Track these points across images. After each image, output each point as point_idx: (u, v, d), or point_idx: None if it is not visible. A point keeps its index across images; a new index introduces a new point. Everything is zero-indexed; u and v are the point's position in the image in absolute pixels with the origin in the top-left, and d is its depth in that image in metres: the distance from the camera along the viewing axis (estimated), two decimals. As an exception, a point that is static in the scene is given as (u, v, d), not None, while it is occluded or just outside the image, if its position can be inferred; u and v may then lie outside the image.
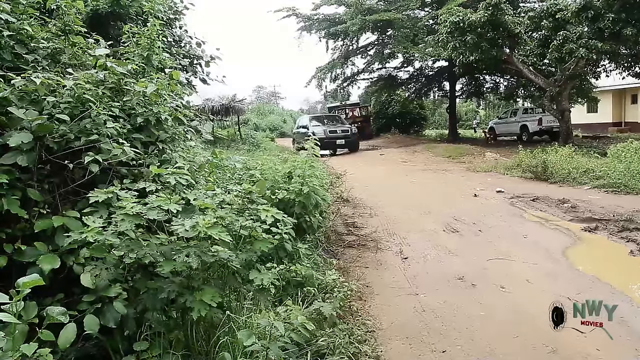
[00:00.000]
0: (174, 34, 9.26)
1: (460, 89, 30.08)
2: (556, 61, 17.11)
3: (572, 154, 11.97)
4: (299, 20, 27.84)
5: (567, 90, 18.07)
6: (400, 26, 24.18)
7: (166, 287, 2.67)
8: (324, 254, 5.52)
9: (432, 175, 13.65)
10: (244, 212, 3.61)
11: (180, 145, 4.38)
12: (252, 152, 17.41)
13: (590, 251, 6.19)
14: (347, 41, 28.26)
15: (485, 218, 7.76)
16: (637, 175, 9.51)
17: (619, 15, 14.96)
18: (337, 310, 3.65)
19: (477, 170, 13.71)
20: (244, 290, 3.20)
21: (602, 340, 3.68)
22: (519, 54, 18.69)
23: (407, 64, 29.03)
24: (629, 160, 10.30)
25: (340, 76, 30.08)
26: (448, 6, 20.02)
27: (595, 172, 10.52)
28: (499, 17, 16.13)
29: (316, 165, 5.49)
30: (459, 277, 5.06)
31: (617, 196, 9.04)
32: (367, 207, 8.72)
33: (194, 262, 2.54)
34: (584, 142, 19.47)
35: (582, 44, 15.36)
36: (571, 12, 15.84)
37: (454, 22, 16.61)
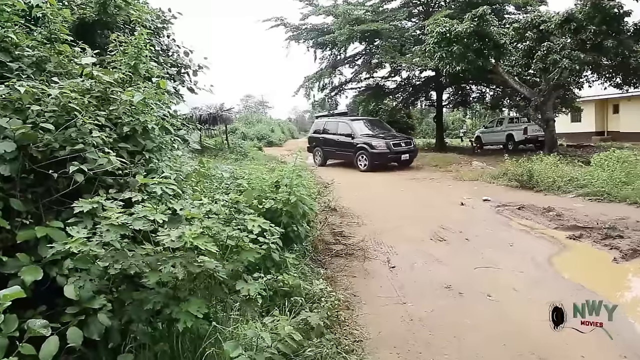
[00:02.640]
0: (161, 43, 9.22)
1: (447, 99, 30.35)
2: (540, 71, 17.39)
3: (556, 162, 12.11)
4: (288, 29, 27.96)
5: (552, 100, 18.35)
6: (388, 36, 24.40)
7: (152, 298, 2.64)
8: (312, 263, 5.51)
9: (420, 184, 13.72)
10: (231, 222, 3.59)
11: (167, 154, 4.35)
12: (239, 161, 17.34)
13: (575, 259, 6.27)
14: (335, 51, 28.42)
15: (472, 226, 7.82)
16: (619, 183, 9.67)
17: (600, 27, 15.29)
18: (324, 320, 3.63)
19: (464, 179, 13.82)
20: (230, 300, 3.17)
21: (588, 347, 3.72)
22: (505, 64, 18.96)
23: (395, 73, 29.23)
24: (611, 169, 10.47)
25: (328, 85, 30.22)
26: (435, 17, 20.25)
27: (580, 180, 10.66)
28: (484, 28, 16.36)
29: (303, 175, 5.49)
30: (446, 286, 5.08)
31: (601, 204, 9.18)
32: (354, 216, 8.73)
33: (180, 272, 2.52)
34: (568, 151, 19.74)
35: (565, 55, 15.64)
36: (554, 23, 16.16)
37: (441, 32, 16.80)
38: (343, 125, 19.02)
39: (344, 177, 15.39)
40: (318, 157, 19.90)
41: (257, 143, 33.98)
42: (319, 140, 19.88)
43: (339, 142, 18.52)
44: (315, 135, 20.35)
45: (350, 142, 17.85)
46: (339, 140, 18.58)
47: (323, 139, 19.58)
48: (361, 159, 17.32)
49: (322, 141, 19.64)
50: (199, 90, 9.84)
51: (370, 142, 17.31)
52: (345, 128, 18.63)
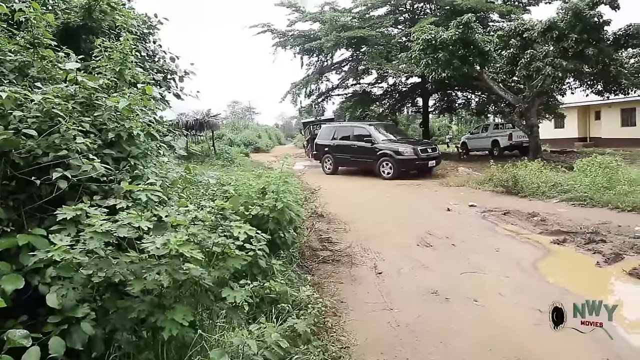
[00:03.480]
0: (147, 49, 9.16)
1: (433, 105, 30.64)
2: (524, 78, 17.65)
3: (541, 168, 12.26)
4: (274, 36, 28.05)
5: (535, 106, 18.62)
6: (374, 43, 24.58)
7: (136, 306, 2.61)
8: (299, 269, 5.49)
9: (407, 189, 13.79)
10: (217, 229, 3.58)
11: (153, 160, 4.32)
12: (226, 167, 17.28)
13: (559, 263, 6.33)
14: (321, 57, 28.57)
15: (458, 232, 7.87)
16: (601, 188, 9.82)
17: (581, 35, 15.58)
18: (311, 326, 3.62)
19: (450, 185, 13.92)
20: (216, 308, 3.14)
21: (573, 350, 3.77)
22: (489, 71, 19.21)
23: (381, 80, 29.45)
24: (593, 174, 10.63)
25: (315, 92, 30.34)
26: (420, 24, 20.47)
27: (563, 186, 10.81)
28: (469, 36, 16.57)
29: (290, 181, 5.49)
30: (432, 291, 5.10)
31: (584, 209, 9.31)
32: (341, 222, 8.74)
33: (165, 280, 2.50)
34: (552, 156, 20.02)
35: (548, 63, 15.91)
36: (537, 31, 16.43)
37: (426, 39, 16.97)
38: (360, 130, 17.86)
39: (334, 183, 15.43)
40: (328, 165, 18.74)
41: (244, 149, 33.94)
42: (329, 147, 18.56)
43: (356, 148, 17.32)
44: (324, 142, 18.96)
45: (370, 148, 16.77)
46: (356, 147, 17.35)
47: (334, 146, 18.33)
48: (385, 166, 16.28)
49: (333, 148, 18.39)
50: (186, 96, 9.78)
51: (396, 148, 16.33)
52: (363, 133, 17.46)
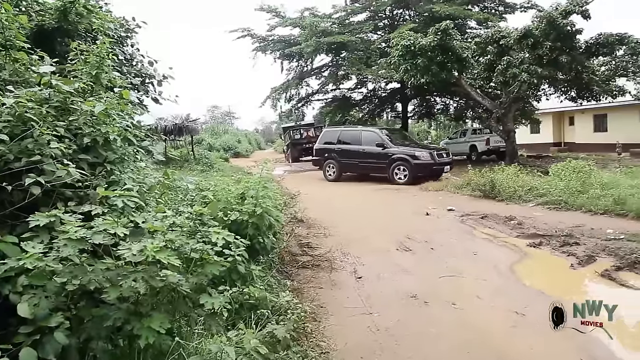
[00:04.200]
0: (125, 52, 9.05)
1: (412, 110, 30.97)
2: (501, 84, 18.00)
3: (517, 172, 12.47)
4: (254, 40, 28.05)
5: (512, 112, 18.99)
6: (354, 48, 24.78)
7: (112, 314, 2.56)
8: (278, 275, 5.47)
9: (386, 194, 13.88)
10: (195, 235, 3.54)
11: (130, 166, 4.26)
12: (205, 172, 17.14)
13: (535, 266, 6.45)
14: (301, 62, 28.67)
15: (437, 236, 7.94)
16: (575, 192, 10.05)
17: (555, 43, 16.00)
18: (291, 332, 3.61)
19: (429, 189, 14.05)
20: (194, 315, 3.11)
21: (549, 351, 3.84)
22: (467, 77, 19.52)
23: (361, 85, 29.69)
24: (568, 178, 10.88)
25: (295, 96, 30.41)
26: (400, 30, 20.71)
27: (539, 190, 11.01)
28: (447, 42, 16.82)
29: (269, 186, 5.47)
30: (412, 295, 5.13)
31: (559, 212, 9.50)
32: (321, 227, 8.74)
33: (141, 287, 2.46)
34: (528, 161, 20.41)
35: (524, 69, 16.26)
36: (513, 39, 16.79)
37: (405, 45, 17.16)
38: (369, 134, 17.34)
39: (315, 188, 15.44)
40: (331, 171, 18.03)
41: (224, 154, 33.75)
42: (332, 152, 17.86)
43: (366, 153, 16.75)
44: (327, 146, 18.20)
45: (382, 153, 16.27)
46: (365, 151, 16.78)
47: (339, 151, 17.66)
48: (399, 171, 15.88)
49: (338, 153, 17.70)
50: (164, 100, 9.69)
51: (412, 152, 15.97)
52: (373, 138, 16.94)
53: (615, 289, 5.20)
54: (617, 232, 7.38)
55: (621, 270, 5.64)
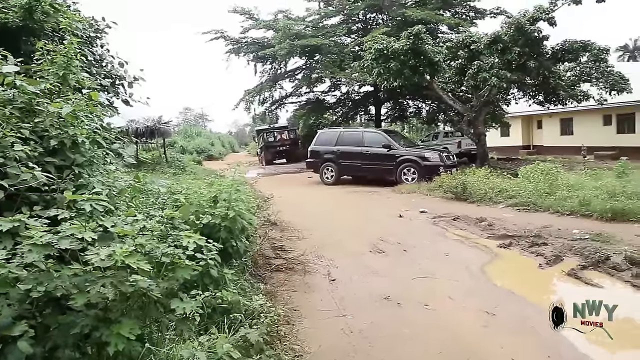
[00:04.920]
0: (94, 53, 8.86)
1: (385, 113, 31.29)
2: (472, 88, 18.34)
3: (488, 175, 12.69)
4: (228, 42, 27.88)
5: (483, 115, 19.36)
6: (328, 52, 24.89)
7: (79, 321, 2.49)
8: (252, 278, 5.43)
9: (359, 197, 13.95)
10: (167, 239, 3.49)
11: (99, 169, 4.18)
12: (177, 175, 16.91)
13: (505, 266, 6.58)
14: (275, 65, 28.66)
15: (410, 238, 8.02)
16: (543, 194, 10.30)
17: (523, 49, 16.41)
18: (264, 336, 3.59)
19: (402, 192, 14.18)
20: (165, 320, 3.06)
21: (518, 349, 3.92)
22: (439, 81, 19.81)
23: (335, 88, 29.86)
24: (536, 180, 11.14)
25: (269, 99, 30.38)
26: (373, 34, 20.90)
27: (509, 191, 11.22)
28: (420, 46, 17.02)
29: (242, 189, 5.43)
30: (385, 297, 5.16)
31: (527, 214, 9.72)
32: (295, 230, 8.72)
33: (110, 292, 2.41)
34: (498, 164, 20.83)
35: (494, 74, 16.60)
36: (483, 44, 17.14)
37: (378, 49, 17.30)
38: (373, 135, 17.16)
39: (289, 191, 15.40)
40: (329, 174, 17.41)
41: (197, 157, 33.40)
42: (331, 154, 17.29)
43: (370, 155, 16.34)
44: (324, 148, 17.58)
45: (388, 155, 15.95)
46: (369, 153, 16.37)
47: (339, 153, 17.09)
48: (407, 173, 15.61)
49: (338, 155, 17.13)
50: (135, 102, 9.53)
51: (421, 154, 15.79)
52: (377, 139, 16.66)
53: (581, 288, 5.35)
54: (582, 232, 7.60)
55: (586, 269, 5.80)
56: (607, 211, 8.53)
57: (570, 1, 16.72)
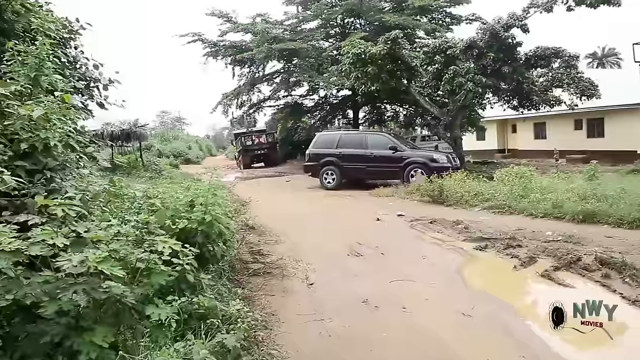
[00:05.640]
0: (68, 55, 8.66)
1: (363, 117, 31.46)
2: (448, 93, 18.59)
3: (464, 178, 12.83)
4: (205, 45, 27.67)
5: (459, 119, 19.64)
6: (306, 55, 24.91)
7: (50, 330, 2.43)
8: (229, 283, 5.39)
9: (338, 200, 13.98)
10: (142, 244, 3.43)
11: (73, 173, 4.09)
12: (154, 179, 16.66)
13: (481, 268, 6.69)
14: (253, 68, 28.55)
15: (388, 241, 8.07)
16: (518, 197, 10.47)
17: (497, 55, 16.76)
18: (241, 341, 3.55)
19: (379, 195, 14.25)
20: (140, 327, 3.00)
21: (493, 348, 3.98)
22: (416, 86, 20.03)
23: (313, 92, 29.86)
24: (511, 183, 11.33)
25: (247, 103, 30.24)
26: (350, 39, 21.00)
27: (484, 195, 11.36)
28: (397, 51, 17.17)
29: (219, 193, 5.38)
30: (363, 301, 5.18)
31: (503, 216, 9.87)
32: (273, 234, 8.69)
33: (82, 300, 2.36)
34: (474, 167, 21.09)
35: (469, 78, 16.88)
36: (459, 49, 17.42)
37: (356, 53, 17.39)
38: (378, 138, 16.89)
39: (266, 194, 15.34)
40: (330, 177, 16.68)
41: (174, 161, 33.00)
42: (333, 157, 16.63)
43: (376, 157, 15.91)
44: (324, 151, 16.93)
45: (395, 157, 15.61)
46: (374, 156, 15.95)
47: (342, 155, 16.45)
48: (414, 175, 15.18)
49: (340, 158, 16.49)
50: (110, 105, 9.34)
51: (430, 156, 15.58)
52: (383, 141, 16.37)
53: (554, 288, 5.47)
54: (555, 234, 7.76)
55: (559, 270, 5.93)
56: (578, 213, 8.73)
57: (542, 9, 17.18)
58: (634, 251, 6.56)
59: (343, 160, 16.51)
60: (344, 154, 16.49)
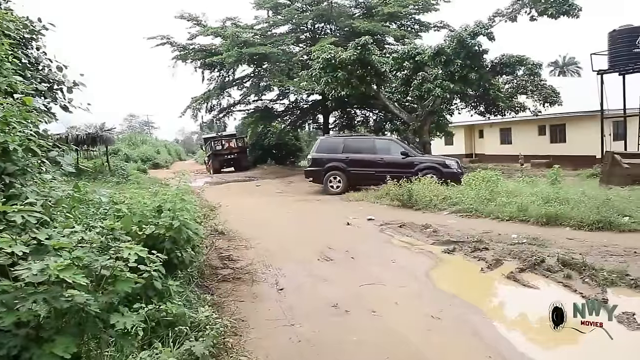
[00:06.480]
0: (29, 55, 8.40)
1: (333, 122, 31.64)
2: (417, 98, 18.93)
3: (433, 182, 13.06)
4: (174, 49, 27.31)
5: (428, 124, 20.01)
6: (276, 60, 24.88)
7: (7, 342, 2.33)
8: (198, 289, 5.31)
9: (308, 205, 13.99)
10: (108, 251, 3.34)
11: (34, 178, 3.96)
12: (121, 184, 16.29)
13: (449, 271, 6.79)
14: (223, 72, 28.32)
15: (357, 245, 8.11)
16: (484, 200, 10.72)
17: (465, 62, 17.16)
18: (210, 348, 3.50)
19: (350, 199, 14.33)
20: (105, 336, 2.92)
21: (460, 349, 4.05)
22: (385, 91, 20.31)
23: (283, 96, 29.88)
24: (478, 187, 11.58)
25: (217, 107, 29.97)
26: (321, 44, 21.12)
27: (452, 199, 11.58)
28: (367, 57, 17.37)
29: (188, 198, 5.30)
30: (333, 305, 5.18)
31: (470, 220, 10.08)
32: (243, 239, 8.62)
33: (42, 309, 2.27)
34: (442, 172, 21.48)
35: (437, 84, 17.23)
36: (427, 56, 17.77)
37: (326, 58, 17.51)
38: (387, 143, 16.78)
39: (239, 200, 15.21)
40: (335, 182, 16.37)
41: (142, 165, 32.35)
42: (338, 162, 16.34)
43: (385, 162, 15.65)
44: (328, 156, 16.58)
45: (406, 162, 15.44)
46: (384, 161, 15.72)
47: (348, 160, 16.21)
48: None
49: (347, 162, 16.23)
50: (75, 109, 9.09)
51: (442, 161, 15.59)
52: (392, 147, 16.31)
53: (519, 289, 5.61)
54: (520, 236, 7.97)
55: (524, 272, 6.08)
56: (542, 216, 9.00)
57: (506, 18, 17.71)
58: (593, 252, 6.83)
59: (350, 166, 16.21)
60: (351, 159, 16.22)
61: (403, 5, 23.92)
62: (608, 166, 14.02)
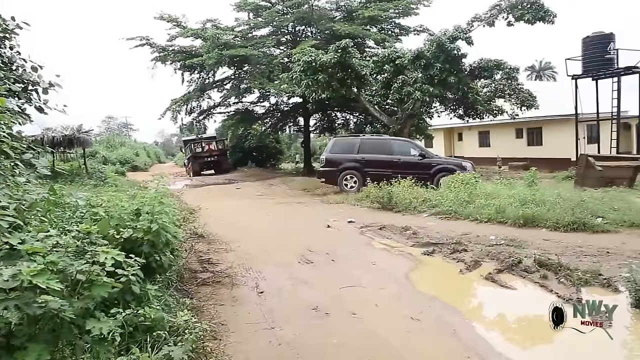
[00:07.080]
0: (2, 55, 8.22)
1: (314, 124, 31.65)
2: (397, 101, 19.08)
3: (412, 185, 13.17)
4: (154, 50, 26.95)
5: (408, 127, 20.17)
6: (257, 62, 24.78)
7: (-24, 350, 2.28)
8: (177, 293, 5.24)
9: (288, 208, 13.97)
10: (84, 255, 3.28)
11: (7, 181, 3.86)
12: (98, 187, 16.02)
13: (429, 273, 6.85)
14: (203, 74, 28.06)
15: (338, 248, 8.13)
16: (463, 203, 10.86)
17: (444, 65, 17.37)
18: (189, 353, 3.46)
19: (330, 202, 14.36)
20: (80, 342, 2.86)
21: (440, 350, 4.09)
22: (366, 94, 20.42)
23: (263, 99, 29.77)
24: (457, 190, 11.72)
25: (197, 109, 29.68)
26: (301, 46, 21.11)
27: (432, 201, 11.70)
28: (347, 60, 17.44)
29: (167, 201, 5.24)
30: (313, 308, 5.18)
31: (449, 222, 10.20)
32: (222, 242, 8.56)
33: (14, 316, 2.21)
34: (422, 174, 21.68)
35: (417, 88, 17.39)
36: (407, 59, 17.93)
37: (307, 61, 17.52)
38: (403, 144, 16.79)
39: (219, 203, 15.10)
40: (351, 182, 16.40)
41: (120, 168, 31.84)
42: (355, 162, 16.36)
43: (402, 163, 15.68)
44: (343, 157, 16.63)
45: (423, 163, 15.58)
46: (401, 162, 15.74)
47: (364, 161, 16.22)
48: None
49: (363, 163, 16.22)
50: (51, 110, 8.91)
51: (459, 163, 15.86)
52: (408, 148, 16.43)
53: (497, 290, 5.70)
54: (498, 238, 8.10)
55: (502, 273, 6.18)
56: (519, 218, 9.17)
57: (484, 23, 18.00)
58: (569, 253, 6.99)
59: (366, 166, 16.16)
60: (368, 160, 16.22)
61: (383, 9, 24.07)
62: (582, 169, 14.36)
